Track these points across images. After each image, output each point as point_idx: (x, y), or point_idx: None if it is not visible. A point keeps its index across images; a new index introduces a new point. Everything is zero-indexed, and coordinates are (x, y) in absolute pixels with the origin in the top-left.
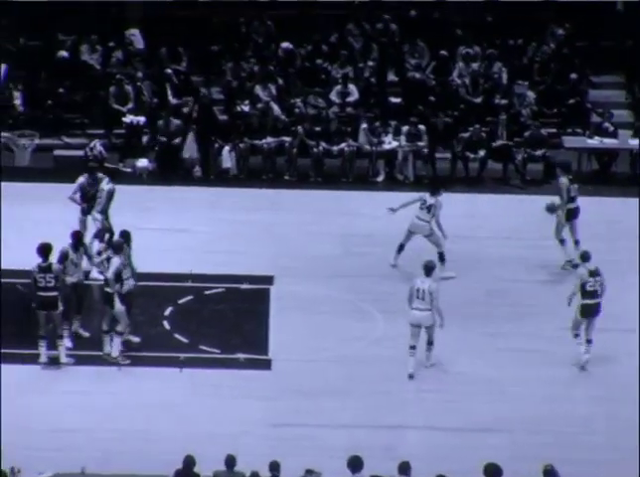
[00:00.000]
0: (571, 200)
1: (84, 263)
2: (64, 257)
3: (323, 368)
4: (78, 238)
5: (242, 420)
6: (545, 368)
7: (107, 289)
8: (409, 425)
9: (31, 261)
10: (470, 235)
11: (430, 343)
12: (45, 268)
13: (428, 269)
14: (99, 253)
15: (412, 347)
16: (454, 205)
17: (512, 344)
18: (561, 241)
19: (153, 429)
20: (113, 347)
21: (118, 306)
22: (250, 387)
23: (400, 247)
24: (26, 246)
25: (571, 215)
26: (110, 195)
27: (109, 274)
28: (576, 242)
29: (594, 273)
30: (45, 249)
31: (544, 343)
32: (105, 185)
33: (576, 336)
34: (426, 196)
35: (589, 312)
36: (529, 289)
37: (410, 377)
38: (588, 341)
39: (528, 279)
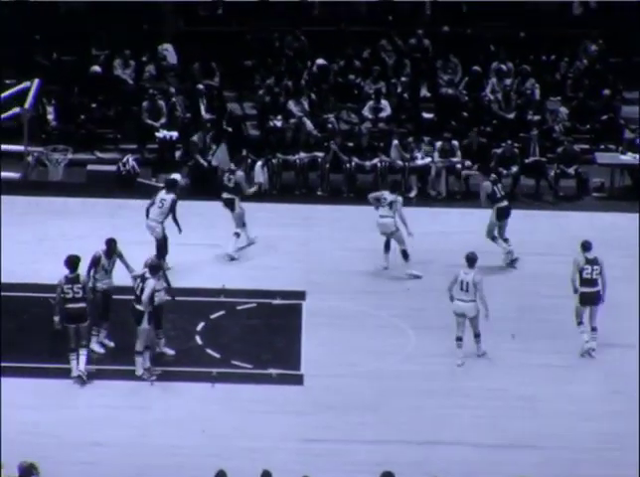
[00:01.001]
0: (499, 200)
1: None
2: (96, 262)
3: (355, 383)
4: (111, 245)
5: (274, 436)
6: (576, 384)
7: (139, 307)
8: (441, 441)
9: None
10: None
11: (477, 335)
12: (73, 279)
13: (471, 261)
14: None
15: (459, 338)
16: (486, 221)
17: (544, 360)
18: (493, 239)
19: (185, 444)
20: (137, 365)
21: (145, 325)
22: (282, 402)
23: (386, 247)
24: (59, 261)
25: (502, 214)
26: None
27: (144, 295)
28: (505, 241)
29: (592, 262)
30: (73, 261)
31: (575, 359)
32: (165, 194)
33: (580, 324)
34: (386, 193)
35: (589, 300)
36: (560, 305)
37: (459, 366)
38: (593, 329)
39: (559, 295)
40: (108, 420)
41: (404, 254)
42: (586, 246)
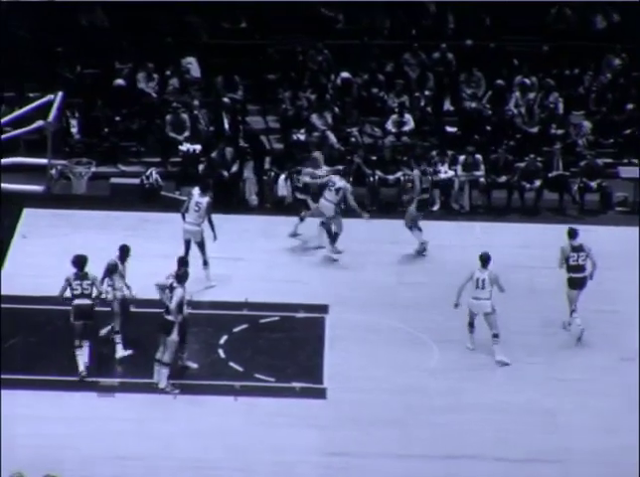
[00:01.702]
0: (424, 191)
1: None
2: (111, 270)
3: (378, 397)
4: (124, 251)
5: (298, 449)
6: (598, 398)
7: (169, 317)
8: (463, 455)
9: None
10: (526, 264)
11: (496, 336)
12: (82, 276)
13: (484, 260)
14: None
15: (471, 324)
16: (510, 235)
17: (567, 374)
18: (410, 228)
19: (208, 457)
20: (161, 378)
21: (174, 336)
22: (305, 415)
23: (330, 235)
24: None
25: (422, 206)
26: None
27: (172, 304)
28: (420, 230)
29: (578, 249)
30: (80, 261)
31: (598, 373)
32: (200, 197)
33: (573, 312)
34: (336, 178)
35: (577, 284)
36: (583, 319)
37: (470, 349)
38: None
39: (582, 309)
40: (132, 433)
41: (334, 238)
42: (572, 234)
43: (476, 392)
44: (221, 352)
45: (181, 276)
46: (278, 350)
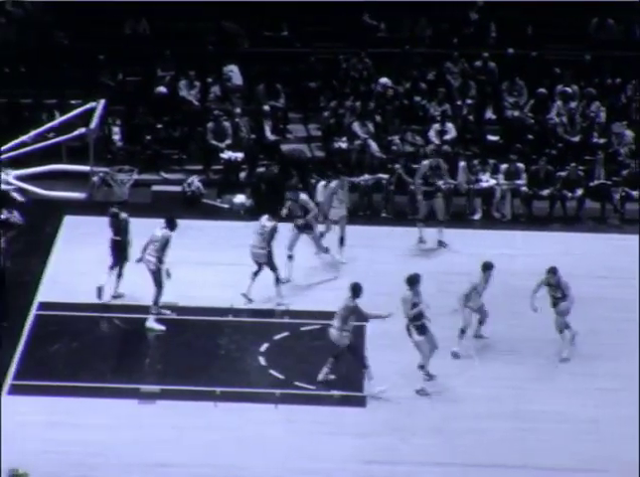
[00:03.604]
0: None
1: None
2: (166, 243)
3: (417, 405)
4: (174, 221)
5: (337, 457)
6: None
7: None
8: (504, 464)
9: (132, 294)
10: (567, 273)
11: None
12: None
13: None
14: None
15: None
16: (552, 243)
17: (608, 384)
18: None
19: (248, 465)
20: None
21: (416, 337)
22: (345, 423)
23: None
24: (125, 280)
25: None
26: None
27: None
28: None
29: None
30: None
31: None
32: (267, 221)
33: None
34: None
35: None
36: (623, 329)
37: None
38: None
39: (624, 318)
40: (172, 441)
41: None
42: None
43: (517, 400)
44: (261, 359)
45: (411, 280)
46: (319, 358)
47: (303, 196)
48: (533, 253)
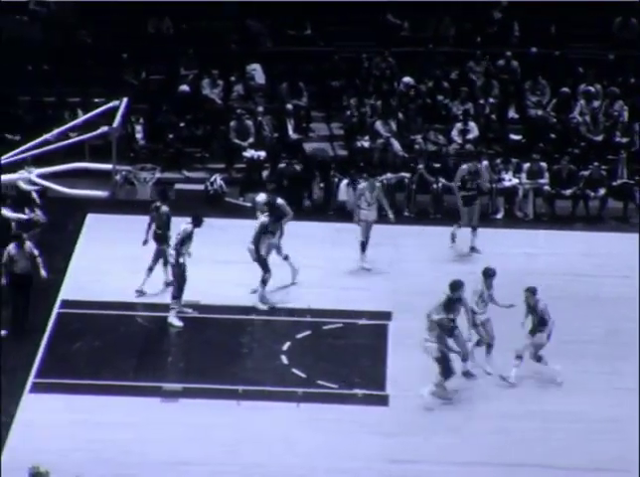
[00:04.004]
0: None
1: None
2: (187, 238)
3: (441, 404)
4: (199, 218)
5: (360, 456)
6: None
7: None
8: (526, 463)
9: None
10: (589, 273)
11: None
12: None
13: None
14: None
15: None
16: (574, 243)
17: (630, 383)
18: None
19: (271, 463)
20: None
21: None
22: (368, 422)
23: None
24: (148, 279)
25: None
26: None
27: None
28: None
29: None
30: None
31: None
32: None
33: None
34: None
35: None
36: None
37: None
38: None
39: None
40: (193, 439)
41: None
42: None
43: (538, 400)
44: (284, 358)
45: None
46: (341, 357)
47: (280, 200)
48: (555, 253)
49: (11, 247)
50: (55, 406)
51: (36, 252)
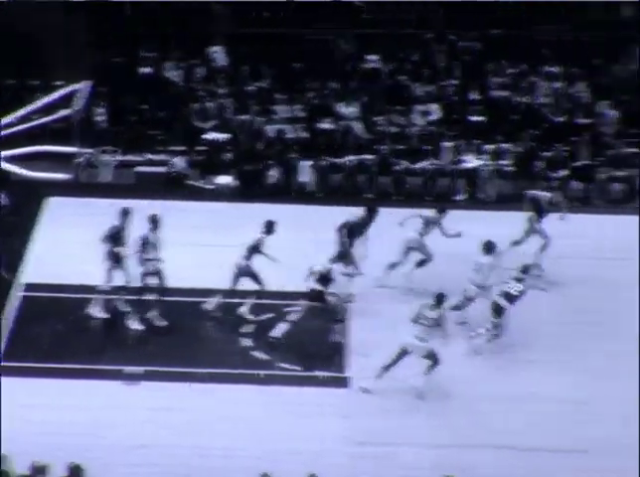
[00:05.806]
0: None
1: None
2: (145, 243)
3: (404, 386)
4: (156, 220)
5: (323, 438)
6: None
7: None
8: (492, 444)
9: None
10: (557, 253)
11: None
12: None
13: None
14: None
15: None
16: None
17: (594, 364)
18: None
19: (233, 446)
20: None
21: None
22: (331, 404)
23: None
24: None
25: None
26: None
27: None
28: None
29: None
30: None
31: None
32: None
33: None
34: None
35: None
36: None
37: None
38: None
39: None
40: (154, 422)
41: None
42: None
43: (504, 382)
44: (246, 341)
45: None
46: (303, 339)
47: None
48: (517, 234)
49: None
50: (15, 390)
51: None
